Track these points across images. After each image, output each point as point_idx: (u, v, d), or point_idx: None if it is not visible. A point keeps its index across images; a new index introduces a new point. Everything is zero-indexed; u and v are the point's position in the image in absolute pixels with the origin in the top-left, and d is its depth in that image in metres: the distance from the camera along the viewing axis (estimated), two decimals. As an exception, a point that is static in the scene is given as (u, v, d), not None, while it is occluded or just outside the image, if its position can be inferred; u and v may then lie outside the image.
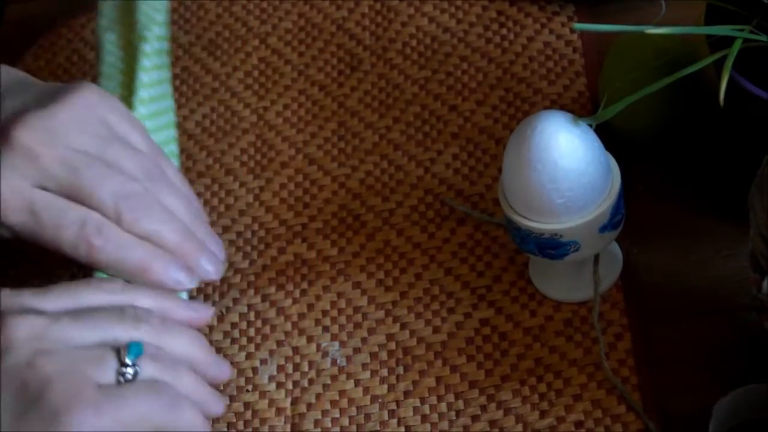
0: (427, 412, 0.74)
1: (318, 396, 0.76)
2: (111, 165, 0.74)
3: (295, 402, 0.76)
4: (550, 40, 0.90)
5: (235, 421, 0.75)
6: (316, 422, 0.74)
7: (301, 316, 0.79)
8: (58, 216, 0.72)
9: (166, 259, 0.73)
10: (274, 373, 0.77)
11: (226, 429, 0.75)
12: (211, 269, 0.76)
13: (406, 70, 0.91)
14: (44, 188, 0.72)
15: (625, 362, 0.73)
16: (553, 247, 0.72)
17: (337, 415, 0.75)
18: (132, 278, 0.73)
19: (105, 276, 0.74)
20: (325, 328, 0.78)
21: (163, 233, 0.74)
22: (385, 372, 0.76)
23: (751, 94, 0.69)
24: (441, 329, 0.77)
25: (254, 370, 0.78)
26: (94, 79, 0.84)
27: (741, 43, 0.65)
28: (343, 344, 0.78)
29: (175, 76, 0.94)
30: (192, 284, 0.75)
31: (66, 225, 0.72)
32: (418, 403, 0.74)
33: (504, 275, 0.78)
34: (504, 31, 0.91)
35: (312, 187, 0.86)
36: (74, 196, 0.72)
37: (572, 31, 0.90)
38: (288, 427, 0.75)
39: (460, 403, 0.73)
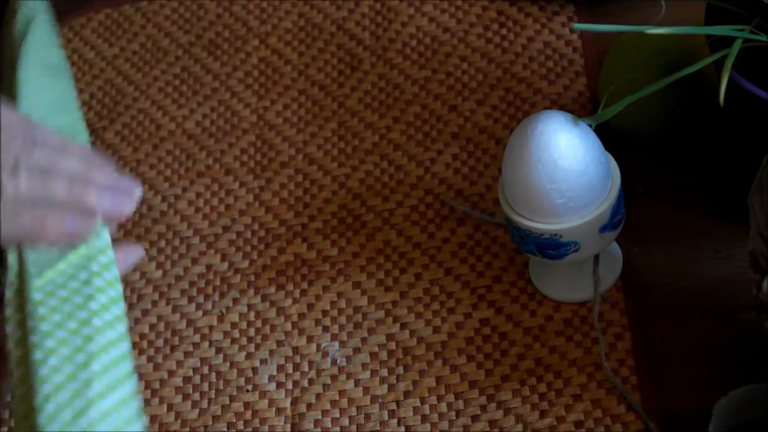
0: (427, 412, 0.74)
1: (318, 396, 0.76)
2: None
3: (295, 402, 0.76)
4: (550, 40, 0.90)
5: (235, 421, 0.75)
6: (316, 422, 0.74)
7: (301, 316, 0.79)
8: None
9: (58, 210, 0.70)
10: (274, 373, 0.77)
11: (226, 429, 0.75)
12: (116, 203, 0.70)
13: (406, 70, 0.91)
14: None
15: (625, 362, 0.73)
16: (553, 247, 0.72)
17: (337, 415, 0.75)
18: (33, 241, 0.69)
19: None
20: (325, 328, 0.78)
21: (49, 189, 0.70)
22: (385, 372, 0.76)
23: (751, 94, 0.68)
24: (441, 329, 0.77)
25: (254, 370, 0.78)
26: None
27: (741, 43, 0.65)
28: (343, 344, 0.78)
29: (174, 76, 0.94)
30: (93, 224, 0.70)
31: None
32: (418, 403, 0.74)
33: (504, 275, 0.78)
34: (504, 31, 0.91)
35: (312, 187, 0.86)
36: None
37: (572, 31, 0.90)
38: (288, 427, 0.75)
39: (460, 403, 0.73)
